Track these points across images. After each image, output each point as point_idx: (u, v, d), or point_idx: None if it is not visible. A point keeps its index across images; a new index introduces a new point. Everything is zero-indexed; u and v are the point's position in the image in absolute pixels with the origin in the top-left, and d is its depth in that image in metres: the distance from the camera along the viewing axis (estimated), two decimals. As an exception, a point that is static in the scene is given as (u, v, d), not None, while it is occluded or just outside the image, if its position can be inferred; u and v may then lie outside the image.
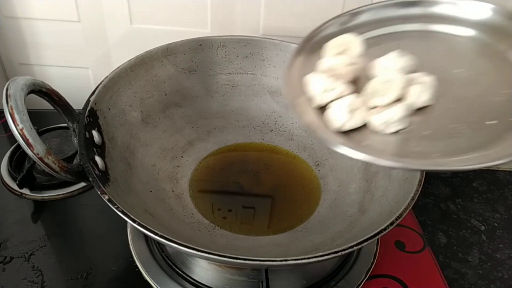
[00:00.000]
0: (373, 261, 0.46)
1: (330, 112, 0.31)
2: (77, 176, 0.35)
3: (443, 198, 0.60)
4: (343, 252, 0.32)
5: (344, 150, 0.28)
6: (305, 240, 0.43)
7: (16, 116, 0.31)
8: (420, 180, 0.38)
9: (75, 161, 0.36)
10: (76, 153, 0.37)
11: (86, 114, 0.39)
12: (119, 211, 0.33)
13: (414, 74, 0.32)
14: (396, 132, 0.30)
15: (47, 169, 0.33)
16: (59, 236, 0.47)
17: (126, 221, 0.32)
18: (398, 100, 0.31)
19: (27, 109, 0.32)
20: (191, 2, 0.58)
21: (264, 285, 0.40)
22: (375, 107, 0.31)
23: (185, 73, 0.53)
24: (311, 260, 0.31)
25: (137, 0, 0.58)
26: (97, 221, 0.49)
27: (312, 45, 0.38)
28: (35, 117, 0.34)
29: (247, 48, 0.54)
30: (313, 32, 0.39)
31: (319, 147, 0.53)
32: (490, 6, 0.36)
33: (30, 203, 0.51)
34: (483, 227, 0.56)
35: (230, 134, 0.54)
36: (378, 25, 0.39)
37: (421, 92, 0.30)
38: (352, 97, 0.31)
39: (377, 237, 0.33)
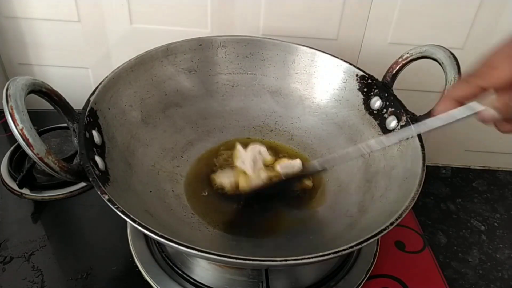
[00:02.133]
0: (373, 261, 0.46)
1: None
2: (77, 176, 0.35)
3: (443, 198, 0.60)
4: (343, 252, 0.32)
5: None
6: (305, 240, 0.43)
7: (16, 116, 0.31)
8: (420, 180, 0.38)
9: (75, 161, 0.36)
10: (76, 153, 0.37)
11: (86, 114, 0.39)
12: (119, 211, 0.33)
13: None
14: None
15: (47, 169, 0.33)
16: (59, 236, 0.47)
17: (126, 221, 0.32)
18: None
19: (27, 109, 0.32)
20: (191, 2, 0.58)
21: (264, 285, 0.40)
22: None
23: (185, 73, 0.52)
24: (311, 260, 0.31)
25: (137, 0, 0.58)
26: (97, 221, 0.49)
27: None
28: (35, 117, 0.34)
29: (247, 48, 0.54)
30: None
31: (319, 147, 0.53)
32: None
33: (30, 203, 0.51)
34: (483, 227, 0.56)
35: (230, 134, 0.54)
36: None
37: None
38: None
39: (377, 237, 0.33)
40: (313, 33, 0.60)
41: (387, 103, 0.48)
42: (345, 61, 0.51)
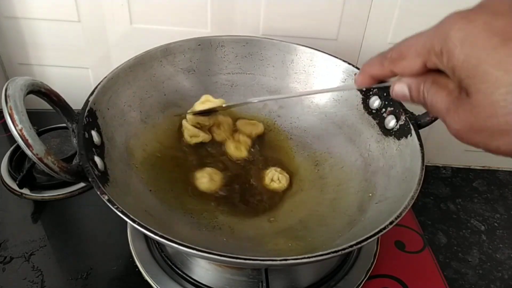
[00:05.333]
0: (373, 261, 0.46)
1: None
2: (76, 177, 0.35)
3: (443, 198, 0.60)
4: (343, 252, 0.32)
5: None
6: (305, 240, 0.43)
7: (15, 117, 0.31)
8: (420, 180, 0.38)
9: (74, 161, 0.36)
10: (75, 153, 0.37)
11: (85, 115, 0.39)
12: (118, 211, 0.33)
13: None
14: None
15: (46, 170, 0.33)
16: (59, 236, 0.47)
17: (126, 221, 0.32)
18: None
19: (27, 109, 0.32)
20: (191, 2, 0.58)
21: (264, 285, 0.40)
22: None
23: (184, 73, 0.53)
24: (311, 259, 0.31)
25: (137, 0, 0.58)
26: (97, 221, 0.49)
27: None
28: (35, 117, 0.34)
29: (246, 48, 0.54)
30: None
31: (318, 146, 0.53)
32: None
33: (30, 203, 0.51)
34: (483, 227, 0.56)
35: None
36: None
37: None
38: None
39: (377, 236, 0.33)
40: (313, 33, 0.60)
41: (386, 102, 0.48)
42: (344, 60, 0.51)
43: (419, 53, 0.26)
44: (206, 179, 0.46)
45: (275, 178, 0.48)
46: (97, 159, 0.38)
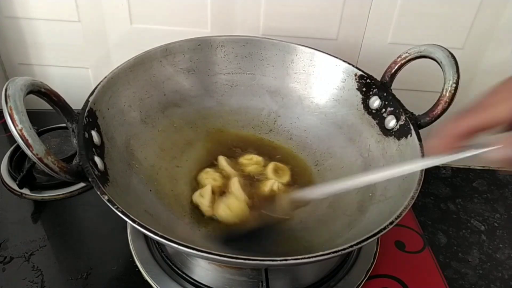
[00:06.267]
0: (373, 261, 0.46)
1: None
2: (76, 177, 0.35)
3: (443, 198, 0.60)
4: (343, 252, 0.32)
5: None
6: (305, 240, 0.43)
7: (15, 117, 0.31)
8: (420, 180, 0.38)
9: (74, 162, 0.36)
10: (75, 153, 0.37)
11: (85, 115, 0.39)
12: (118, 211, 0.33)
13: None
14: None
15: (46, 170, 0.33)
16: (59, 236, 0.47)
17: (126, 221, 0.32)
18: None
19: (28, 109, 0.32)
20: (191, 2, 0.58)
21: (264, 285, 0.40)
22: None
23: (184, 73, 0.53)
24: (311, 260, 0.31)
25: (137, 0, 0.58)
26: (97, 221, 0.49)
27: None
28: (35, 117, 0.34)
29: (245, 48, 0.54)
30: None
31: (318, 147, 0.53)
32: None
33: (30, 203, 0.51)
34: (483, 227, 0.56)
35: (229, 134, 0.54)
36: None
37: None
38: None
39: (377, 236, 0.33)
40: (313, 33, 0.60)
41: (386, 102, 0.48)
42: (343, 60, 0.51)
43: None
44: (226, 209, 0.44)
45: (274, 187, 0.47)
46: (97, 159, 0.38)
